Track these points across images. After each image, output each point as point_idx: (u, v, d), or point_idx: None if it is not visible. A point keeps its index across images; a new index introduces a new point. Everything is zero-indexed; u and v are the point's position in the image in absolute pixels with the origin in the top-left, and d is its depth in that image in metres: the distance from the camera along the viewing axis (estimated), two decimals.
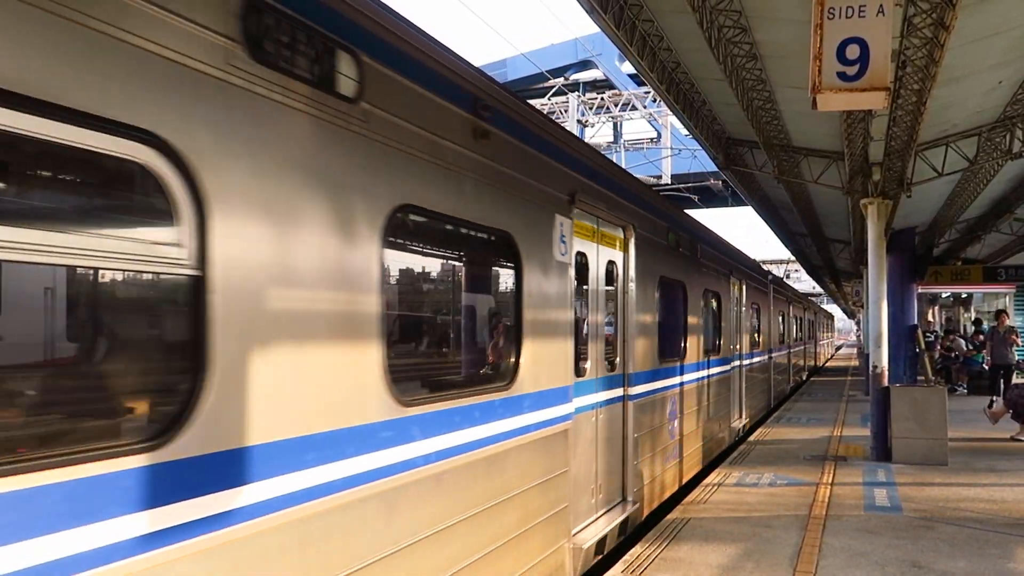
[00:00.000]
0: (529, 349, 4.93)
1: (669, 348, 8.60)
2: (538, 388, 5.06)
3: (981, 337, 20.23)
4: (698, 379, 10.10)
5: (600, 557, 6.17)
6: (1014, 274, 21.79)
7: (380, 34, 3.56)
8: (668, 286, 8.61)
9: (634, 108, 28.19)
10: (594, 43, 27.85)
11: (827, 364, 44.08)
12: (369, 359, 3.38)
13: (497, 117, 4.60)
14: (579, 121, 28.46)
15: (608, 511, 6.64)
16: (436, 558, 3.86)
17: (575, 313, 5.77)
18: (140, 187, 2.54)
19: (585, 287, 6.30)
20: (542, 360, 5.14)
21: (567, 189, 5.68)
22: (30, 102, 2.06)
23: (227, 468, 2.63)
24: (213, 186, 2.57)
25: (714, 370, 11.19)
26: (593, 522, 6.25)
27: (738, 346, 13.51)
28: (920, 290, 19.89)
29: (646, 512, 7.65)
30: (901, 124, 9.16)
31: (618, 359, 7.03)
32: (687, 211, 11.09)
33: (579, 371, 5.96)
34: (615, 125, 30.52)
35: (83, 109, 2.18)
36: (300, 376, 2.98)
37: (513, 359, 4.82)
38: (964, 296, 27.90)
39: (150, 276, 2.58)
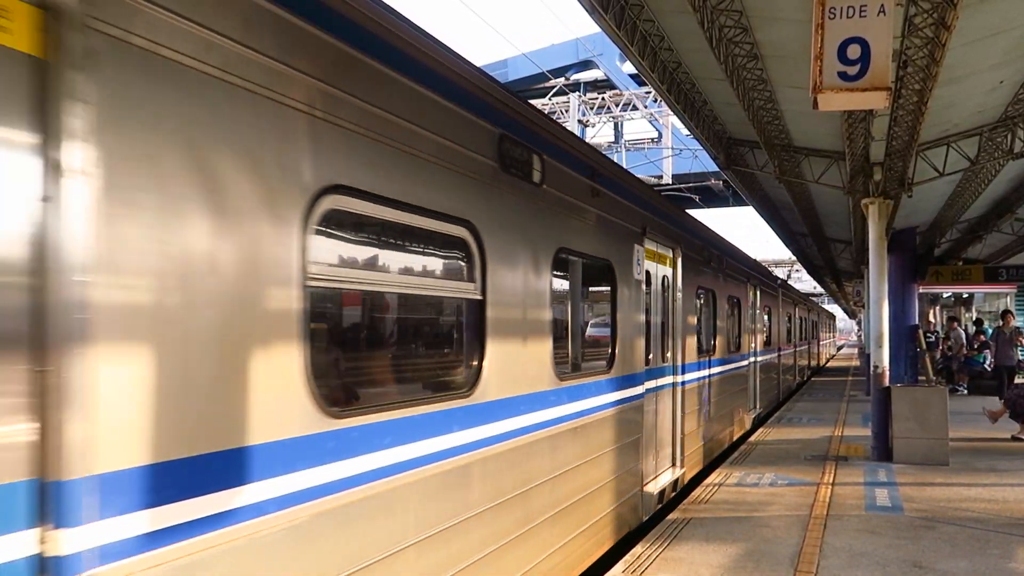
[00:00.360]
0: (620, 345, 6.75)
1: (705, 345, 10.55)
2: (625, 373, 6.84)
3: (983, 338, 20.22)
4: (724, 372, 11.88)
5: (660, 506, 7.96)
6: (1015, 274, 21.77)
7: (551, 140, 5.40)
8: (703, 294, 10.54)
9: (635, 108, 28.18)
10: (595, 43, 27.84)
11: (829, 364, 44.08)
12: (550, 354, 5.23)
13: (603, 180, 6.41)
14: (580, 121, 28.46)
15: (665, 471, 8.37)
16: (575, 483, 5.69)
17: (646, 317, 7.63)
18: (460, 250, 4.24)
19: (648, 297, 7.83)
20: (628, 353, 6.96)
21: (640, 224, 7.48)
22: (423, 209, 3.76)
23: (495, 411, 4.46)
24: (489, 246, 4.35)
25: (736, 364, 13.10)
26: (655, 478, 7.95)
27: (753, 344, 15.15)
28: (921, 290, 19.88)
29: (689, 476, 9.34)
30: (902, 124, 9.16)
31: (670, 353, 8.73)
32: (689, 211, 11.75)
33: (647, 361, 7.62)
34: (616, 125, 30.52)
35: (439, 209, 3.89)
36: (527, 357, 4.89)
37: (610, 352, 6.63)
38: (965, 296, 27.88)
39: (463, 300, 4.33)
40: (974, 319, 24.65)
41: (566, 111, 28.17)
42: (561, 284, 5.83)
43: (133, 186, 2.28)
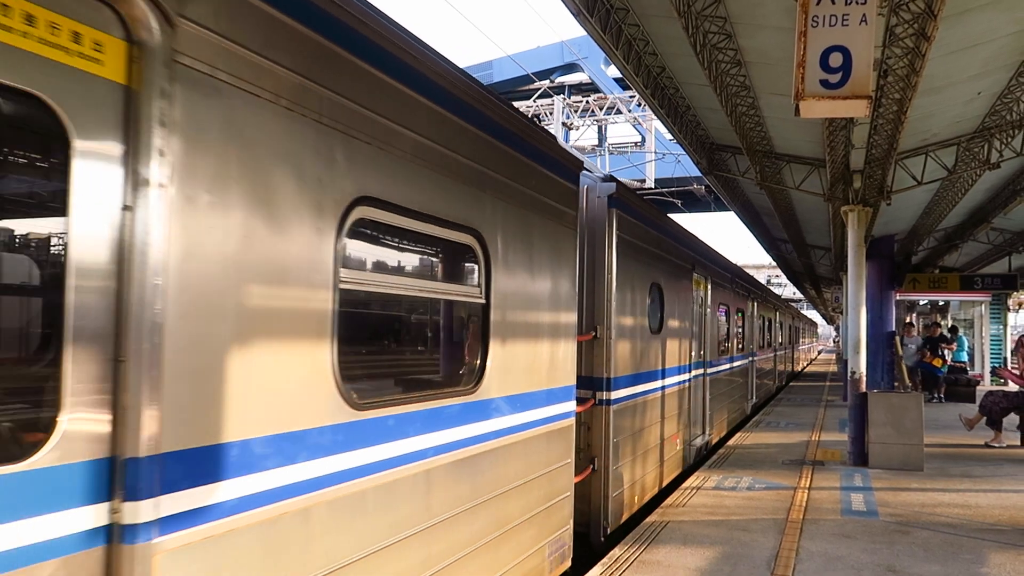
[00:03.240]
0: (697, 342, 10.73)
1: (722, 346, 13.79)
2: (683, 364, 10.08)
3: (952, 346, 20.02)
4: (733, 367, 15.13)
5: (690, 463, 10.70)
6: (990, 283, 22.10)
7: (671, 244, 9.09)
8: (723, 308, 13.87)
9: (619, 112, 28.23)
10: (580, 46, 27.92)
11: (808, 368, 44.44)
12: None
13: (671, 236, 9.49)
14: (564, 124, 28.49)
15: (697, 438, 11.28)
16: (664, 432, 8.88)
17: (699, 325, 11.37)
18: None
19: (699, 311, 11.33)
20: (685, 350, 10.19)
21: (691, 262, 10.58)
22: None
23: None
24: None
25: (741, 363, 16.36)
26: (692, 441, 10.87)
27: (752, 346, 18.40)
28: (898, 297, 20.08)
29: (714, 442, 12.66)
30: (882, 132, 9.26)
31: (702, 351, 11.50)
32: (670, 215, 13.09)
33: (700, 356, 11.13)
34: (600, 128, 30.55)
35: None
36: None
37: (691, 352, 10.42)
38: (941, 303, 28.23)
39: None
40: (949, 326, 24.94)
41: (550, 114, 28.17)
42: (660, 305, 8.89)
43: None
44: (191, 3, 2.55)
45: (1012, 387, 12.97)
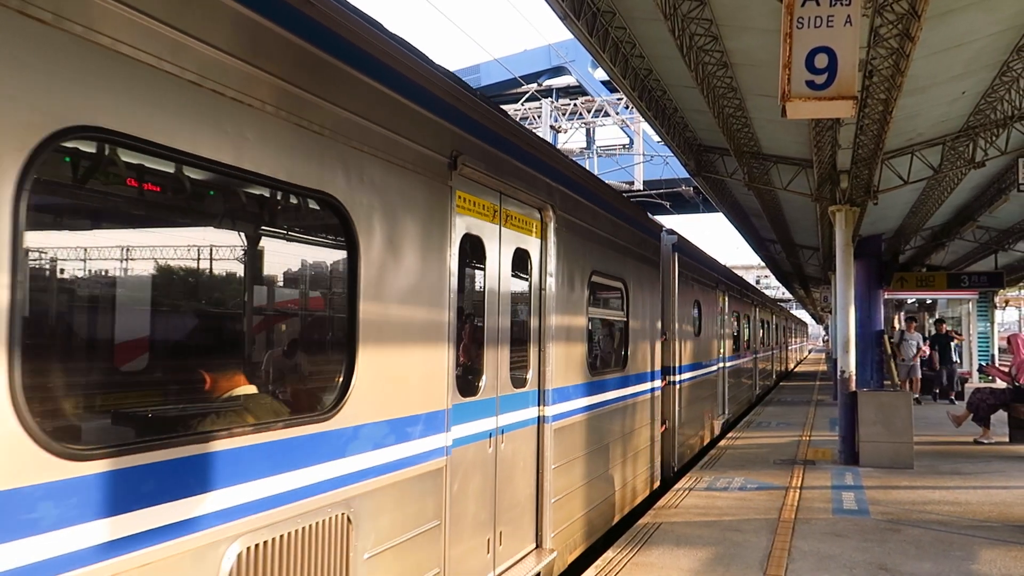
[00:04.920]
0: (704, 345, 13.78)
1: (735, 345, 17.49)
2: (712, 359, 13.39)
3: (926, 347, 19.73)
4: (740, 362, 18.46)
5: (715, 436, 13.86)
6: (977, 280, 22.22)
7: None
8: (736, 314, 17.59)
9: (607, 114, 28.27)
10: (567, 49, 27.97)
11: (798, 368, 44.64)
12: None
13: (694, 270, 12.08)
14: (552, 127, 28.51)
15: (721, 415, 14.91)
16: (704, 407, 12.95)
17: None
18: None
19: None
20: (714, 348, 13.54)
21: (715, 282, 14.08)
22: None
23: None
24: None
25: (747, 358, 20.10)
26: (718, 416, 14.42)
27: (756, 345, 22.18)
28: (886, 296, 20.18)
29: (731, 419, 16.06)
30: (868, 132, 9.31)
31: (722, 351, 14.89)
32: (658, 217, 13.69)
33: (717, 353, 14.38)
34: (588, 131, 30.58)
35: None
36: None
37: (719, 349, 14.20)
38: (929, 302, 28.40)
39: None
40: (936, 320, 25.02)
41: (538, 117, 28.20)
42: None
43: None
44: (560, 206, 6.04)
45: (1000, 384, 13.07)
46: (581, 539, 6.58)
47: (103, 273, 2.91)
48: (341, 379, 3.44)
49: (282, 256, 3.65)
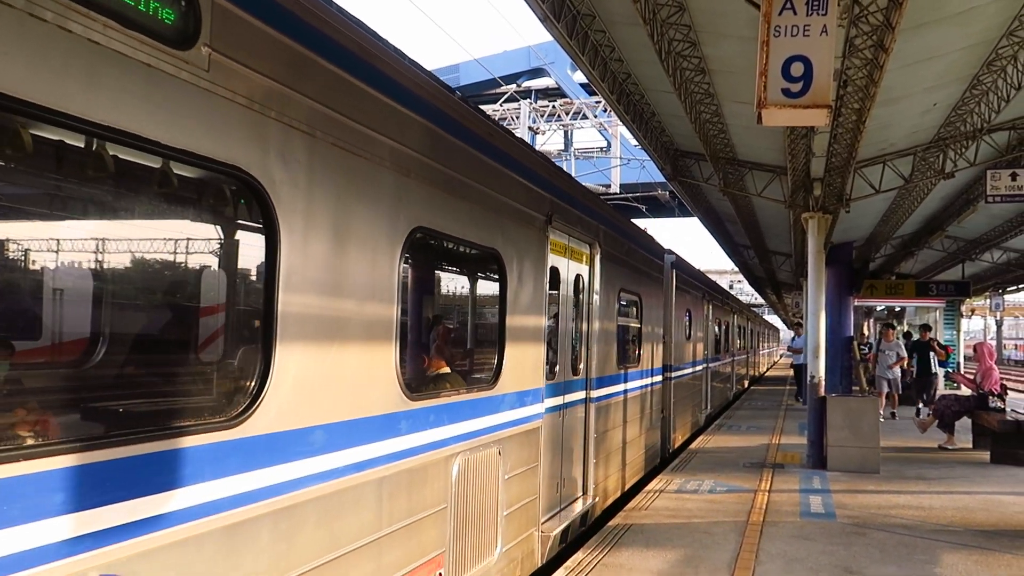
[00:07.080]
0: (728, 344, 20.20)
1: (717, 348, 19.60)
2: (698, 359, 15.44)
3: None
4: (734, 360, 23.67)
5: (699, 427, 15.87)
6: (944, 289, 22.63)
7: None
8: (718, 320, 19.82)
9: (585, 117, 28.40)
10: (547, 51, 28.00)
11: (769, 372, 45.10)
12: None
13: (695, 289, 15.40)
14: (530, 128, 28.55)
15: (705, 408, 16.87)
16: (693, 400, 15.40)
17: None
18: None
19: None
20: (700, 350, 15.76)
21: (702, 292, 16.09)
22: None
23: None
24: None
25: (738, 357, 25.60)
26: (703, 410, 16.50)
27: (740, 348, 26.64)
28: (856, 303, 20.47)
29: (712, 413, 17.93)
30: (841, 141, 9.44)
31: (706, 352, 16.82)
32: (634, 220, 14.13)
33: (702, 355, 16.37)
34: (566, 133, 30.69)
35: None
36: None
37: (704, 351, 16.81)
38: (897, 309, 28.86)
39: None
40: (904, 332, 25.46)
41: (517, 118, 28.24)
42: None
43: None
44: (603, 242, 7.87)
45: (965, 391, 13.30)
46: (611, 492, 8.69)
47: None
48: (495, 363, 5.44)
49: (488, 289, 5.81)
